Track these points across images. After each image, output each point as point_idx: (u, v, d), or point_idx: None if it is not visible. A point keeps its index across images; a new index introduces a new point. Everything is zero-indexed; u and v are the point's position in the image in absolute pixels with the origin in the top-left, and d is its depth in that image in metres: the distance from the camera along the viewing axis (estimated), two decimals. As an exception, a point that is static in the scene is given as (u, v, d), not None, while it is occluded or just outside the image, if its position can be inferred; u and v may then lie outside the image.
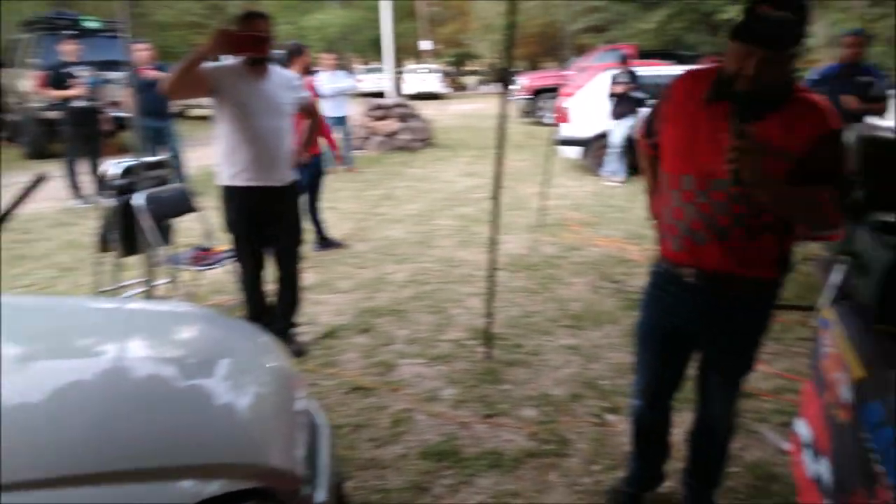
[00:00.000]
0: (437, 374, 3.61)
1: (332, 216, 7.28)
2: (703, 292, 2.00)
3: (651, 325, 2.22)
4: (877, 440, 1.59)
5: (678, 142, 1.94)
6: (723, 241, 1.90)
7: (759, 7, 1.65)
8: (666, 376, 2.30)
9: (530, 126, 16.63)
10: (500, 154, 3.61)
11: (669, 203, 1.98)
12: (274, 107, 3.49)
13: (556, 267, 5.48)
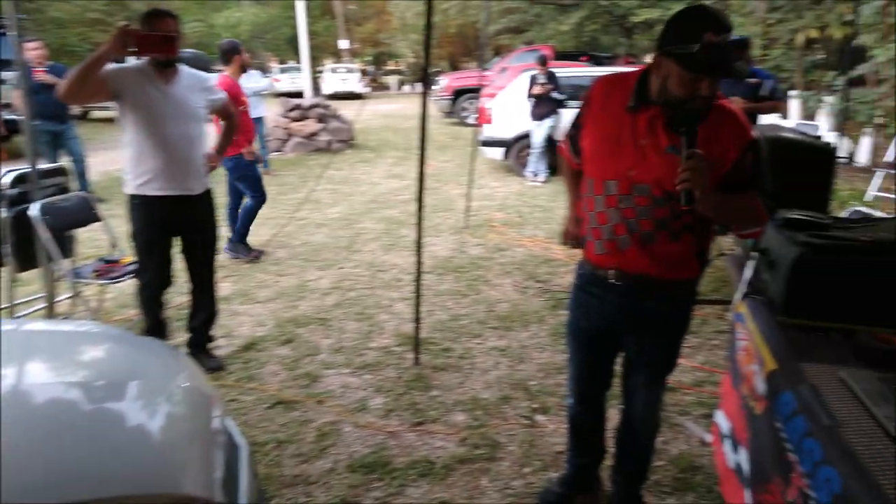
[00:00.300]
0: (364, 384, 3.54)
1: (250, 222, 7.08)
2: (627, 294, 2.05)
3: (578, 326, 2.26)
4: (789, 430, 1.64)
5: (601, 147, 1.97)
6: (646, 244, 1.94)
7: (705, 36, 1.67)
8: (595, 375, 2.35)
9: (453, 126, 16.71)
10: (422, 155, 3.57)
11: (593, 207, 2.01)
12: (184, 111, 3.31)
13: (483, 268, 5.50)
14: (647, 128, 1.87)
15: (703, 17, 1.72)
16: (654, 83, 1.86)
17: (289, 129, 12.22)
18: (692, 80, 1.73)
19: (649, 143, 1.86)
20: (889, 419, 1.47)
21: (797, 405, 1.63)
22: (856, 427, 1.48)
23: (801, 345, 1.89)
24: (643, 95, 1.89)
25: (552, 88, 8.68)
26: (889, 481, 1.28)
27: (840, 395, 1.61)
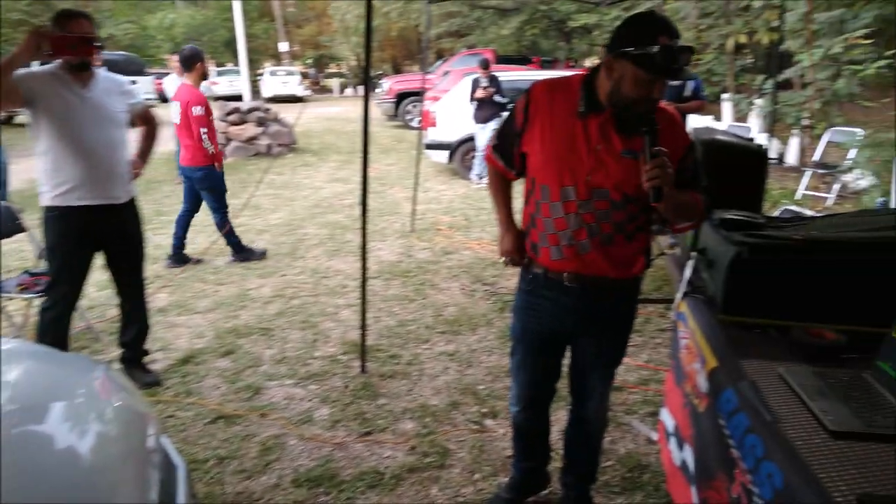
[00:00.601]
0: (309, 394, 3.46)
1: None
2: (582, 295, 2.07)
3: (529, 331, 2.24)
4: (731, 427, 1.67)
5: (555, 153, 1.97)
6: (606, 247, 1.98)
7: (660, 39, 1.72)
8: (547, 379, 2.35)
9: (397, 130, 16.66)
10: (365, 158, 3.52)
11: (550, 214, 2.01)
12: (104, 116, 3.13)
13: (430, 272, 5.47)
14: (600, 133, 1.90)
15: (656, 21, 1.79)
16: (603, 87, 1.89)
17: (227, 133, 11.94)
18: (648, 82, 1.78)
19: (604, 148, 1.90)
20: (825, 413, 1.50)
21: (738, 402, 1.66)
22: (794, 422, 1.51)
23: (740, 342, 1.93)
24: (592, 100, 1.92)
25: (494, 92, 8.74)
26: (827, 475, 1.31)
27: (779, 391, 1.65)
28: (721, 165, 2.46)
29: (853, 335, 1.84)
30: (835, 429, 1.44)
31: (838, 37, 8.64)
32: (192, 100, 5.32)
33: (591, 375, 2.27)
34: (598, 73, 1.92)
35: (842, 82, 8.83)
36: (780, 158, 10.52)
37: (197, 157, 5.42)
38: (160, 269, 5.56)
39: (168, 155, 11.09)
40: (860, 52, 8.58)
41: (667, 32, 1.74)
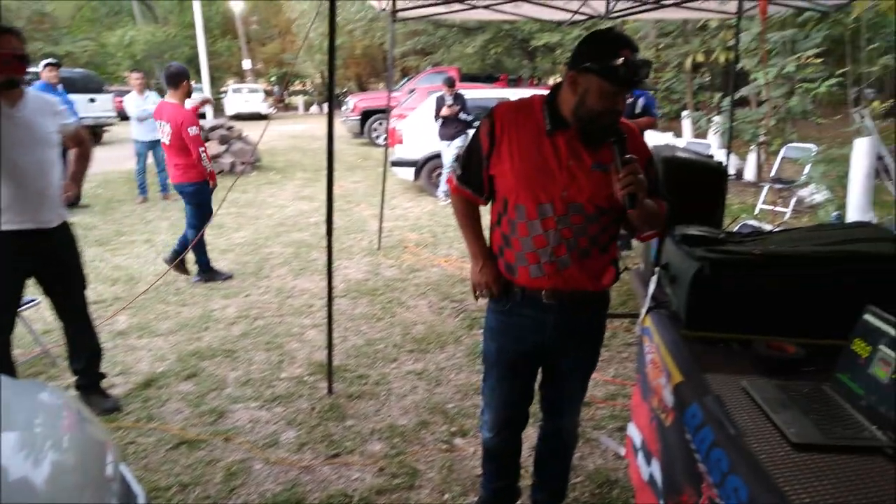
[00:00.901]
0: (274, 417, 3.40)
1: (147, 249, 6.75)
2: (561, 311, 2.08)
3: (506, 352, 2.21)
4: (698, 441, 1.68)
5: (529, 172, 1.98)
6: (584, 260, 2.01)
7: (622, 53, 1.79)
8: (524, 399, 2.33)
9: (363, 147, 16.65)
10: (329, 176, 3.50)
11: (527, 232, 2.01)
12: (35, 136, 3.01)
13: (398, 290, 5.45)
14: (569, 149, 1.94)
15: (617, 37, 1.86)
16: (567, 103, 1.93)
17: (190, 152, 11.78)
18: (613, 94, 1.84)
19: (575, 163, 1.94)
20: (787, 425, 1.53)
21: (703, 416, 1.68)
22: (758, 435, 1.53)
23: (704, 357, 1.95)
24: (556, 118, 1.96)
25: (459, 109, 8.80)
26: (791, 487, 1.33)
27: (742, 405, 1.67)
28: (681, 182, 2.51)
29: (812, 348, 1.88)
30: (797, 441, 1.46)
31: (791, 56, 8.93)
32: (185, 121, 5.29)
33: (568, 388, 2.28)
34: (560, 91, 1.96)
35: (795, 100, 9.11)
36: (739, 174, 10.79)
37: (189, 173, 5.42)
38: (119, 290, 5.43)
39: (128, 174, 10.92)
40: (812, 71, 8.88)
41: (628, 46, 1.81)
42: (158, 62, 31.51)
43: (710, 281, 2.01)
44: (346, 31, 22.84)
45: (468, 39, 20.08)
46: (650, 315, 2.39)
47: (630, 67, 1.78)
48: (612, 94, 1.84)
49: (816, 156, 8.29)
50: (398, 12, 5.92)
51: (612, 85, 1.82)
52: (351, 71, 31.45)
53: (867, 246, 2.07)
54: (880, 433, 1.47)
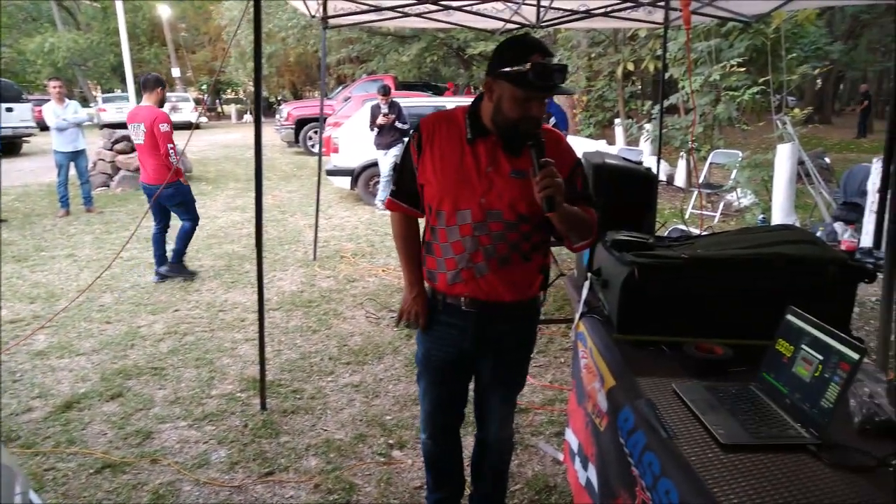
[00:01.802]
0: (205, 436, 3.26)
1: (69, 265, 6.43)
2: (480, 319, 2.07)
3: (431, 357, 2.21)
4: (630, 445, 1.69)
5: (449, 179, 1.98)
6: (503, 268, 1.99)
7: (533, 57, 1.77)
8: (453, 406, 2.31)
9: (298, 156, 16.41)
10: (258, 185, 3.39)
11: (447, 238, 2.01)
12: None
13: (334, 301, 5.35)
14: (488, 156, 1.94)
15: (529, 42, 1.85)
16: (486, 110, 1.93)
17: (115, 162, 11.34)
18: (525, 100, 1.82)
19: (494, 170, 1.93)
20: (716, 426, 1.54)
21: (635, 420, 1.68)
22: (689, 437, 1.54)
23: (635, 360, 1.96)
24: (477, 126, 1.96)
25: (395, 118, 8.75)
26: (720, 489, 1.34)
27: (673, 407, 1.68)
28: (612, 188, 2.54)
29: (740, 349, 1.91)
30: (725, 442, 1.48)
31: (716, 65, 9.27)
32: (158, 117, 5.50)
33: (492, 398, 2.27)
34: (482, 99, 1.96)
35: (721, 107, 9.46)
36: (670, 180, 11.13)
37: (162, 174, 5.53)
38: (39, 308, 5.15)
39: (49, 187, 10.44)
40: (736, 79, 9.23)
41: (539, 51, 1.79)
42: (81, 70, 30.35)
43: (639, 285, 2.03)
44: (280, 39, 22.50)
45: (403, 48, 20.08)
46: (583, 320, 2.40)
47: (541, 72, 1.77)
48: (525, 100, 1.82)
49: (742, 161, 8.63)
50: (329, 19, 5.84)
51: (523, 90, 1.80)
52: (285, 79, 31.00)
53: (790, 248, 2.13)
54: (804, 430, 1.50)
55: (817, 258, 2.05)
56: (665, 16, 5.62)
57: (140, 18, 30.55)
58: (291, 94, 34.26)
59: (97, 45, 28.88)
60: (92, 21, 30.87)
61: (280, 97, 33.87)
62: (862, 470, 1.37)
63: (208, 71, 34.42)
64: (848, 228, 6.41)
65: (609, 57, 13.65)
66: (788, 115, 8.48)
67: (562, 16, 5.83)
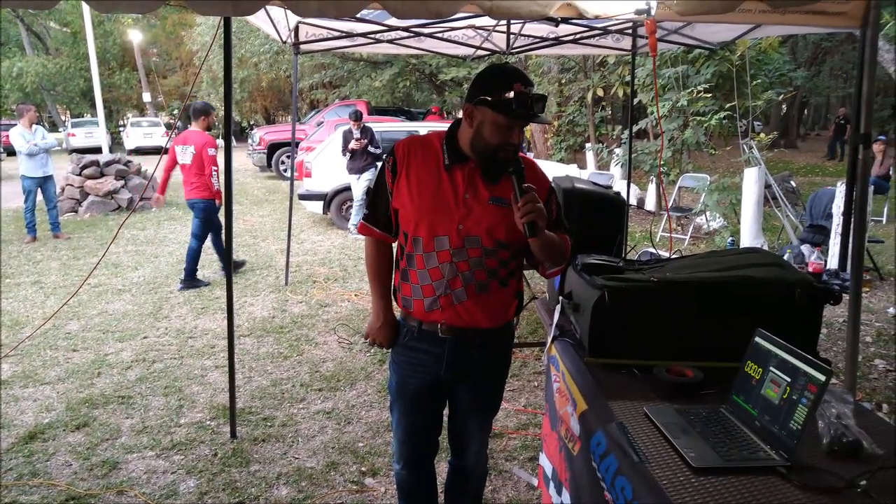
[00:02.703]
0: (173, 466, 3.19)
1: (35, 292, 6.29)
2: (457, 345, 2.05)
3: (406, 385, 2.18)
4: (603, 469, 1.68)
5: (426, 205, 1.97)
6: (481, 294, 1.99)
7: (516, 86, 1.81)
8: (427, 433, 2.28)
9: (270, 181, 16.32)
10: (228, 209, 3.36)
11: (423, 265, 2.00)
12: None
13: (306, 327, 5.29)
14: (467, 182, 1.95)
15: (511, 71, 1.87)
16: (465, 136, 1.94)
17: (83, 187, 11.17)
18: (507, 128, 1.85)
19: (472, 196, 1.94)
20: (687, 450, 1.55)
21: (607, 444, 1.68)
22: (660, 461, 1.54)
23: (607, 384, 1.97)
24: (455, 152, 1.97)
25: (367, 143, 8.77)
26: (692, 512, 1.34)
27: (645, 430, 1.69)
28: (582, 213, 2.57)
29: (710, 371, 1.93)
30: (697, 465, 1.48)
31: (683, 90, 9.47)
32: (207, 142, 6.32)
33: (471, 424, 2.25)
34: (459, 125, 1.98)
35: (689, 132, 9.65)
36: (641, 203, 11.28)
37: (202, 192, 6.32)
38: (3, 336, 5.01)
39: (15, 212, 10.25)
40: (703, 105, 9.44)
41: (521, 80, 1.83)
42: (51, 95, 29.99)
43: (610, 308, 2.04)
44: (252, 64, 22.47)
45: (376, 73, 20.19)
46: (556, 344, 2.40)
47: (521, 100, 1.80)
48: (506, 128, 1.86)
49: (711, 185, 8.79)
50: (301, 45, 5.86)
51: (505, 118, 1.83)
52: (257, 103, 30.87)
53: (757, 271, 2.16)
54: (773, 453, 1.51)
55: (784, 281, 2.08)
56: (633, 43, 5.74)
57: (111, 43, 30.33)
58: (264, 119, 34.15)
59: (66, 70, 28.58)
60: (62, 46, 30.56)
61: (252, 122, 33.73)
62: (830, 491, 1.38)
63: (180, 96, 34.20)
64: (815, 250, 6.55)
65: (579, 83, 13.87)
66: (755, 139, 8.67)
67: (531, 42, 5.92)
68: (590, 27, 5.19)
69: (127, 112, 35.37)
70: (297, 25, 5.41)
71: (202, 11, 2.51)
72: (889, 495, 1.35)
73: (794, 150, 23.56)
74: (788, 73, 18.94)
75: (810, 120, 37.91)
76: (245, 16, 2.86)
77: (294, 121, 7.24)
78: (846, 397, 1.65)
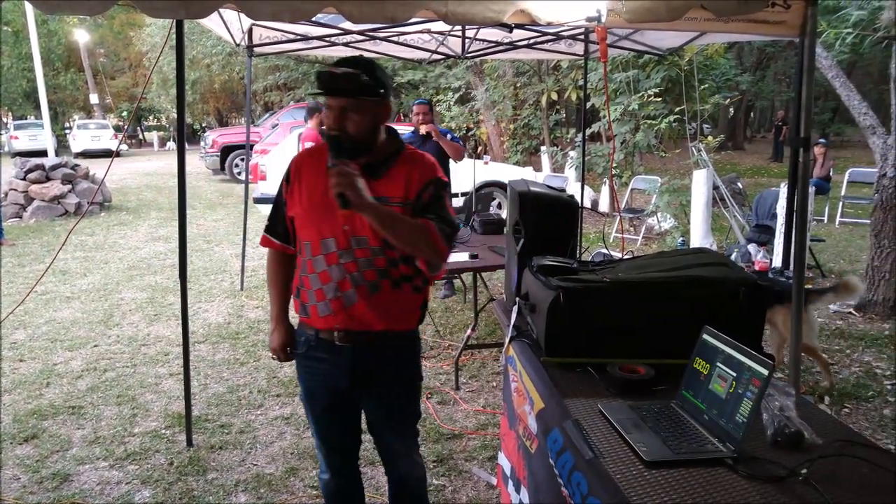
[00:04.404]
0: (127, 476, 3.13)
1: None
2: (354, 353, 2.03)
3: (313, 394, 2.16)
4: (560, 466, 1.72)
5: (313, 209, 1.98)
6: (372, 295, 1.97)
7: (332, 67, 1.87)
8: (341, 443, 2.24)
9: (224, 184, 16.06)
10: (182, 212, 3.32)
11: (314, 269, 1.99)
12: None
13: (263, 332, 5.23)
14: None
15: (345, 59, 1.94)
16: None
17: (28, 192, 10.82)
18: (329, 108, 1.89)
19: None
20: (640, 444, 1.60)
21: (564, 441, 1.72)
22: (615, 456, 1.59)
23: (563, 382, 2.01)
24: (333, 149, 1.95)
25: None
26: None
27: (600, 427, 1.73)
28: (537, 215, 2.61)
29: (661, 368, 1.99)
30: (648, 459, 1.53)
31: (634, 94, 9.68)
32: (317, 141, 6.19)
33: (386, 434, 2.22)
34: None
35: (641, 135, 9.87)
36: (595, 205, 11.48)
37: None
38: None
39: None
40: (653, 108, 9.67)
41: (346, 64, 1.88)
42: (-7, 96, 28.93)
43: (565, 309, 2.09)
44: (204, 66, 22.10)
45: (331, 75, 20.04)
46: (513, 344, 2.44)
47: (325, 76, 1.85)
48: (329, 109, 1.89)
49: (661, 187, 9.00)
50: (255, 47, 5.80)
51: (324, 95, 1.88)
52: (210, 105, 30.31)
53: (704, 270, 2.24)
54: (721, 445, 1.57)
55: (730, 280, 2.16)
56: (585, 48, 5.85)
57: (55, 43, 29.43)
58: (217, 121, 33.57)
59: (8, 71, 27.61)
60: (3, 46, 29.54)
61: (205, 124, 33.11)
62: (774, 480, 1.44)
63: (129, 97, 33.36)
64: (761, 249, 6.78)
65: (534, 86, 14.03)
66: (703, 142, 8.92)
67: (487, 47, 5.99)
68: (543, 33, 5.27)
69: (73, 114, 34.32)
70: (250, 28, 5.36)
71: (153, 14, 2.48)
72: (828, 481, 1.43)
73: (741, 151, 24.29)
74: (734, 78, 19.54)
75: (756, 123, 39.11)
76: (198, 18, 2.83)
77: (248, 123, 7.16)
78: (788, 390, 1.73)
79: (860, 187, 10.92)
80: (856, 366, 4.51)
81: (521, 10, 2.50)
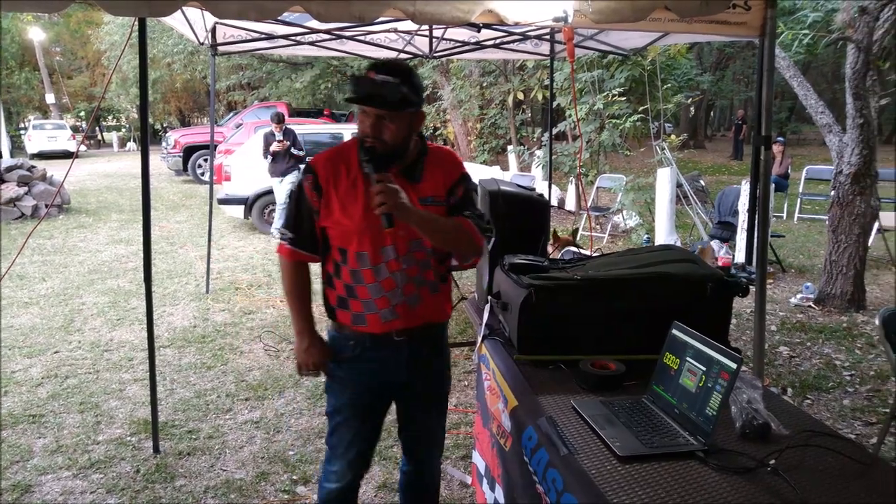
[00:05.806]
0: (92, 485, 3.05)
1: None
2: (411, 346, 2.05)
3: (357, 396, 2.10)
4: (535, 463, 1.74)
5: (363, 219, 1.91)
6: (434, 293, 2.04)
7: (369, 73, 1.82)
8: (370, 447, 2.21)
9: (187, 185, 15.79)
10: (146, 214, 3.25)
11: (374, 279, 1.95)
12: None
13: (230, 335, 5.16)
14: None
15: (375, 63, 1.88)
16: None
17: (-17, 194, 10.49)
18: (364, 116, 1.86)
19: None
20: (614, 439, 1.62)
21: (538, 438, 1.73)
22: (588, 452, 1.60)
23: (536, 379, 2.03)
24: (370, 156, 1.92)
25: (290, 145, 8.63)
26: (619, 499, 1.40)
27: (573, 423, 1.75)
28: (507, 214, 2.63)
29: (632, 363, 2.02)
30: (622, 454, 1.55)
31: (599, 94, 9.79)
32: None
33: (430, 424, 2.26)
34: None
35: (606, 134, 9.99)
36: (561, 204, 11.58)
37: None
38: None
39: None
40: (618, 108, 9.79)
41: (377, 70, 1.84)
42: (-59, 94, 27.97)
43: (537, 306, 2.10)
44: (165, 65, 21.69)
45: (297, 75, 19.86)
46: (486, 342, 2.45)
47: (359, 83, 1.82)
48: (364, 116, 1.86)
49: (626, 185, 9.13)
50: (218, 46, 5.71)
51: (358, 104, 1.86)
52: (171, 105, 29.80)
53: (672, 267, 2.27)
54: (692, 438, 1.60)
55: (696, 275, 2.20)
56: (551, 48, 5.90)
57: (9, 41, 28.57)
58: (179, 121, 32.99)
59: (-42, 70, 26.77)
60: (-47, 43, 28.61)
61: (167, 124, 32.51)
62: (743, 471, 1.48)
63: (86, 97, 32.55)
64: (723, 246, 6.92)
65: (500, 86, 14.10)
66: (666, 140, 9.07)
67: (453, 47, 6.00)
68: (510, 32, 5.30)
69: (28, 114, 33.38)
70: (214, 26, 5.28)
71: (115, 12, 2.42)
72: (795, 471, 1.46)
73: (703, 150, 24.74)
74: (695, 78, 19.90)
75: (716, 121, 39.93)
76: (161, 17, 2.78)
77: (212, 123, 7.05)
78: (755, 383, 1.77)
79: (817, 184, 11.22)
80: (816, 358, 4.63)
81: (489, 10, 2.50)
